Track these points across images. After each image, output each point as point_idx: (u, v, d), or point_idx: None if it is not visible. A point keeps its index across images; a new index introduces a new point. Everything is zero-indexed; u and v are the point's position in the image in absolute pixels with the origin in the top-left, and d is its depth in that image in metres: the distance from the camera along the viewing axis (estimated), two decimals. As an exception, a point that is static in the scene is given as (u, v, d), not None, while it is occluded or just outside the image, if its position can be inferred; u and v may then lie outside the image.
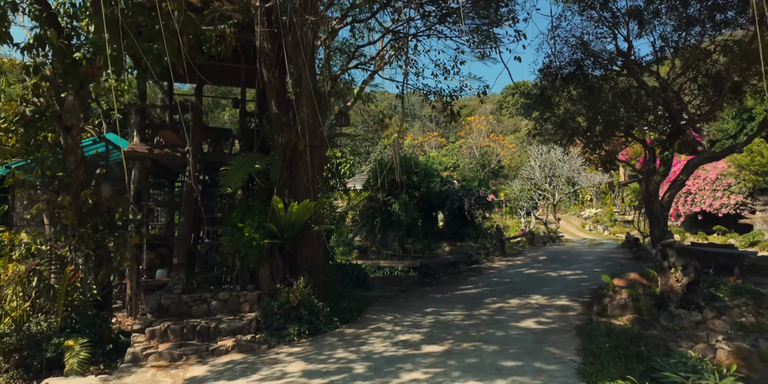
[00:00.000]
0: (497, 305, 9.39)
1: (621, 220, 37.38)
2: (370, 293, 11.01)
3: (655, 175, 10.00)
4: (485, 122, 45.88)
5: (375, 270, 20.84)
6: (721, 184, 28.76)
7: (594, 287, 11.03)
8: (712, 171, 29.87)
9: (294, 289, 7.71)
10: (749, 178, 25.98)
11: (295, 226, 8.48)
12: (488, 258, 16.56)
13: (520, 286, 11.37)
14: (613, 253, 18.08)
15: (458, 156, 46.38)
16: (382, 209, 26.93)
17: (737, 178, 27.68)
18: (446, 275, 12.91)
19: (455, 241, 26.83)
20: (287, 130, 8.80)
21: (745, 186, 27.16)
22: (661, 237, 9.87)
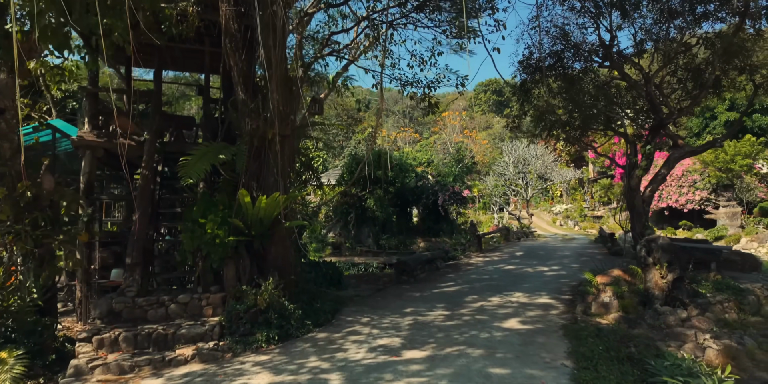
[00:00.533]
0: (478, 304, 8.95)
1: (591, 215, 37.96)
2: (345, 292, 10.41)
3: (636, 169, 9.76)
4: (459, 118, 45.74)
5: (349, 267, 20.25)
6: (687, 180, 29.44)
7: (574, 284, 10.76)
8: (678, 167, 30.54)
9: (262, 291, 7.02)
10: (714, 174, 26.63)
11: (264, 222, 7.78)
12: (465, 254, 16.20)
13: (500, 283, 10.99)
14: (587, 249, 18.04)
15: (432, 151, 46.12)
16: (356, 205, 26.32)
17: (702, 175, 28.39)
18: (424, 272, 12.43)
19: (430, 236, 26.49)
20: (255, 118, 8.06)
21: (709, 182, 27.86)
22: (642, 232, 9.65)
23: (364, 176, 25.97)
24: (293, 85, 8.47)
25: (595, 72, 11.55)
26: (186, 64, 11.79)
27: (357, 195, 26.54)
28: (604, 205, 40.72)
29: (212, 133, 9.07)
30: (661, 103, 9.58)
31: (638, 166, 9.78)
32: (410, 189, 27.44)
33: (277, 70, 8.03)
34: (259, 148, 8.30)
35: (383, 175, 25.59)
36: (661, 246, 8.09)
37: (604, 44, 10.23)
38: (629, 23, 10.76)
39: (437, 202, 25.87)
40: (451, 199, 26.02)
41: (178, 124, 11.01)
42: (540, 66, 12.32)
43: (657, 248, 8.08)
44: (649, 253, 8.19)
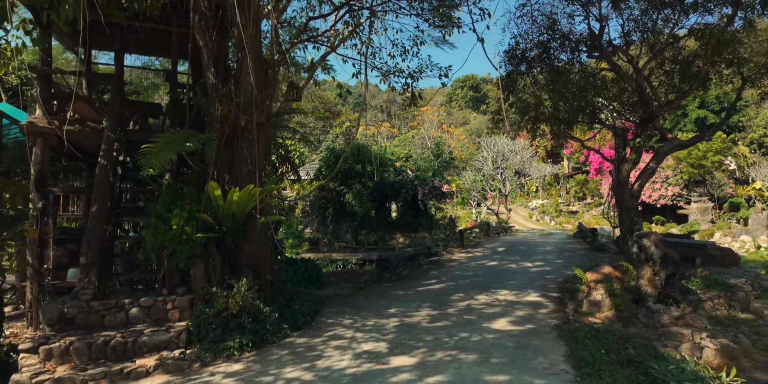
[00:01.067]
0: (465, 303, 8.50)
1: (566, 210, 38.32)
2: (325, 292, 9.81)
3: (625, 163, 9.47)
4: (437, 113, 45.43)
5: (327, 263, 19.60)
6: (660, 176, 29.87)
7: (560, 280, 10.46)
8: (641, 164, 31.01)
9: (234, 293, 6.36)
10: (687, 170, 27.05)
11: (237, 217, 7.10)
12: (447, 250, 15.80)
13: (485, 280, 10.59)
14: (568, 244, 17.92)
15: (411, 146, 45.70)
16: (334, 199, 25.68)
17: (674, 171, 28.86)
18: (406, 269, 11.94)
19: (409, 232, 26.09)
20: (226, 103, 7.34)
21: (682, 178, 28.34)
22: (631, 227, 9.38)
23: (343, 170, 25.39)
24: (269, 69, 7.78)
25: (582, 63, 11.22)
26: (152, 47, 10.90)
27: (335, 189, 25.88)
28: (579, 200, 41.22)
29: (179, 120, 8.29)
30: (651, 95, 9.31)
31: (627, 159, 9.50)
32: (389, 184, 26.96)
33: (251, 51, 7.32)
34: (231, 137, 7.60)
35: (362, 169, 25.02)
36: (653, 242, 7.80)
37: (593, 34, 9.89)
38: (617, 13, 10.46)
39: (417, 196, 25.47)
40: (430, 193, 25.67)
41: (143, 111, 10.13)
42: (526, 57, 11.94)
43: (649, 244, 7.78)
44: (641, 250, 7.89)
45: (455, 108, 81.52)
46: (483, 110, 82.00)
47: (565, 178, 43.98)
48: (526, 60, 11.94)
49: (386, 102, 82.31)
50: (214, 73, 7.67)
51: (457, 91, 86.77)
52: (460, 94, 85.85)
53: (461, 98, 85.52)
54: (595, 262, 12.22)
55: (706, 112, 37.09)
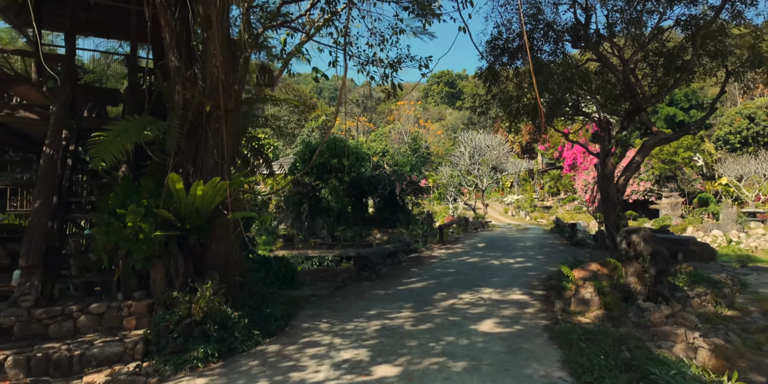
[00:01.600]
0: (449, 302, 8.05)
1: (540, 205, 38.62)
2: (301, 292, 9.21)
3: (611, 156, 9.20)
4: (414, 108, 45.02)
5: (303, 261, 18.93)
6: (632, 171, 30.28)
7: (543, 277, 10.15)
8: (624, 160, 31.41)
9: (198, 297, 5.70)
10: (658, 165, 27.46)
11: (201, 213, 6.42)
12: (427, 246, 15.37)
13: (467, 277, 10.19)
14: (547, 239, 17.78)
15: (387, 141, 45.18)
16: (309, 194, 24.96)
17: (646, 166, 29.28)
18: (386, 267, 11.44)
19: (386, 227, 25.62)
20: (190, 87, 6.62)
21: (653, 174, 28.79)
22: (617, 223, 9.13)
23: (319, 165, 24.65)
24: (238, 50, 7.07)
25: (565, 54, 10.90)
26: (110, 29, 9.96)
27: (310, 184, 25.17)
28: (553, 195, 41.63)
29: (138, 106, 7.50)
30: (637, 88, 9.04)
31: (613, 153, 9.22)
32: (366, 178, 26.39)
33: (218, 30, 6.62)
34: (195, 125, 6.88)
35: (338, 163, 24.37)
36: (643, 238, 7.52)
37: (579, 23, 9.54)
38: (602, 3, 10.16)
39: (394, 192, 25.00)
40: (408, 188, 25.24)
41: (100, 98, 9.25)
42: (509, 47, 11.55)
43: (639, 240, 7.50)
44: (630, 246, 7.60)
45: (431, 103, 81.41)
46: (459, 106, 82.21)
47: (539, 174, 44.36)
48: (509, 51, 11.56)
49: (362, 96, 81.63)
50: (177, 54, 6.93)
51: (432, 86, 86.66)
52: (435, 90, 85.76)
53: (437, 94, 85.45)
54: (576, 258, 12.00)
55: (676, 110, 37.92)
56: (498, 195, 45.41)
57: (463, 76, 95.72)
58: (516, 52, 11.49)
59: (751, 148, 33.88)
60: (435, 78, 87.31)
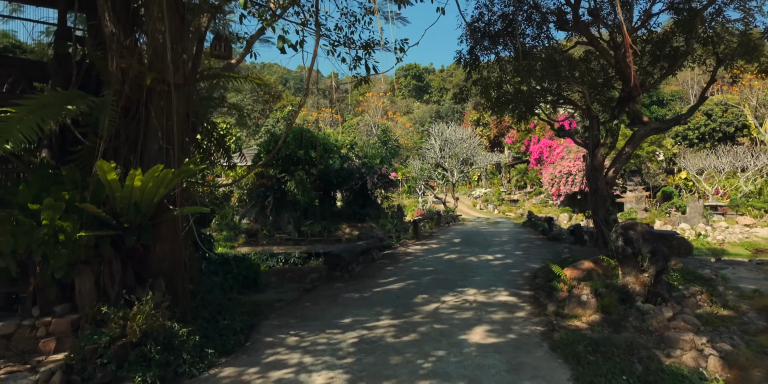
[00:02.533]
0: (432, 306, 7.23)
1: (508, 199, 38.66)
2: (265, 296, 8.15)
3: (600, 147, 8.60)
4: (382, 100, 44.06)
5: (267, 258, 17.74)
6: (598, 166, 30.57)
7: (527, 274, 9.53)
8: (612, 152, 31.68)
9: (135, 312, 4.60)
10: (623, 160, 27.69)
11: (142, 207, 5.27)
12: (401, 242, 14.52)
13: (448, 276, 9.42)
14: (521, 234, 17.33)
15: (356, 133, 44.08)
16: (274, 187, 23.68)
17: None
18: (359, 265, 10.51)
19: (356, 222, 24.68)
20: (128, 56, 5.43)
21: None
22: (606, 217, 8.56)
23: (284, 156, 23.36)
24: (187, 13, 5.90)
25: (550, 38, 10.23)
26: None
27: (275, 177, 23.90)
28: (520, 189, 41.82)
29: (65, 80, 6.20)
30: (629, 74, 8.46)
31: (603, 143, 8.64)
32: (335, 171, 25.32)
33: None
34: (136, 102, 5.70)
35: (305, 155, 23.19)
36: (641, 235, 6.92)
37: (569, 3, 8.85)
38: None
39: (365, 185, 24.07)
40: (379, 181, 24.37)
41: (23, 71, 7.80)
42: (490, 30, 10.78)
43: (637, 237, 6.90)
44: (627, 243, 6.99)
45: (399, 96, 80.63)
46: (426, 100, 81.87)
47: (506, 168, 44.49)
48: (490, 34, 10.79)
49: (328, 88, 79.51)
50: (113, 18, 5.69)
51: (400, 79, 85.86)
52: (403, 83, 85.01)
53: (404, 87, 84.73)
54: (556, 254, 11.48)
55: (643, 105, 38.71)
56: (465, 189, 45.29)
57: (430, 69, 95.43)
58: (497, 36, 10.74)
59: (708, 144, 35.00)
60: (402, 71, 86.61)
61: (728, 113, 33.73)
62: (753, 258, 14.04)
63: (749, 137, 31.91)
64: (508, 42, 10.95)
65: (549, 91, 10.12)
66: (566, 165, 32.73)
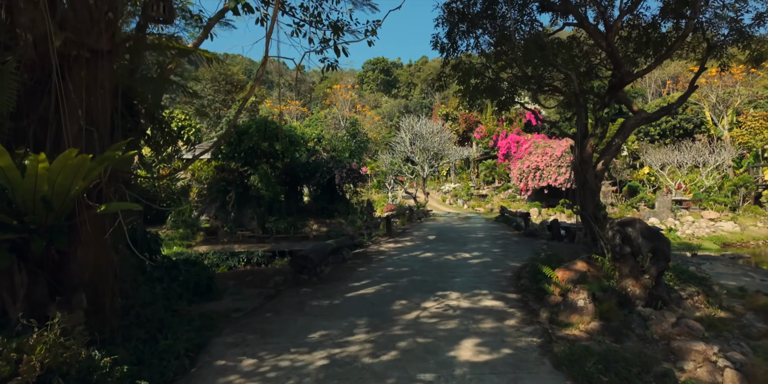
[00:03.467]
0: (412, 315, 6.38)
1: (476, 194, 38.47)
2: (219, 305, 7.06)
3: (590, 138, 7.97)
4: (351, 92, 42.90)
5: (227, 257, 16.52)
6: (565, 160, 30.69)
7: (509, 274, 8.84)
8: (558, 149, 31.77)
9: (33, 344, 3.48)
10: (591, 155, 27.78)
11: (54, 204, 4.13)
12: (373, 239, 13.61)
13: (426, 278, 8.61)
14: (495, 229, 16.78)
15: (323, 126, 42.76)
16: (236, 182, 22.29)
17: (578, 156, 29.71)
18: (328, 266, 9.55)
19: (324, 218, 23.64)
20: (32, 10, 4.24)
21: (585, 163, 29.26)
22: (595, 213, 7.95)
23: (247, 149, 21.96)
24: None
25: (534, 20, 9.53)
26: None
27: (238, 170, 22.50)
28: (488, 184, 41.78)
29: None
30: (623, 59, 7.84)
31: (593, 134, 8.01)
32: (301, 165, 24.14)
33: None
34: (47, 73, 4.51)
35: (269, 147, 21.93)
36: (641, 232, 6.31)
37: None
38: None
39: (333, 179, 23.02)
40: (348, 176, 23.38)
41: None
42: (469, 13, 9.99)
43: (636, 235, 6.28)
44: (625, 241, 6.37)
45: (366, 90, 79.52)
46: (394, 94, 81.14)
47: (474, 163, 44.36)
48: (469, 17, 9.99)
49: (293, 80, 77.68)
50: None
51: (368, 73, 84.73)
52: (371, 77, 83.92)
53: (372, 81, 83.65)
54: (536, 252, 10.90)
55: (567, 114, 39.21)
56: (434, 183, 44.89)
57: (398, 64, 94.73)
58: (477, 18, 9.95)
59: (668, 140, 35.89)
60: (370, 65, 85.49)
61: (688, 110, 34.60)
62: (724, 252, 14.02)
63: (707, 134, 32.85)
64: (488, 25, 10.21)
65: (532, 78, 9.44)
66: (534, 160, 32.72)
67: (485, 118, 43.21)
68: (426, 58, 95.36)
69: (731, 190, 22.25)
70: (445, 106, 47.81)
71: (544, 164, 32.02)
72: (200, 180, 24.06)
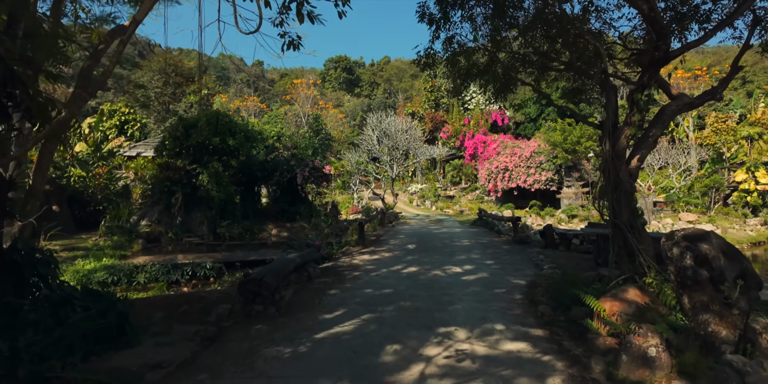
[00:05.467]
0: (413, 372, 4.41)
1: (444, 195, 37.10)
2: (134, 357, 4.79)
3: (626, 126, 6.30)
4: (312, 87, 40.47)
5: (169, 270, 13.92)
6: (534, 161, 29.75)
7: (519, 298, 7.05)
8: (527, 149, 30.82)
9: None
10: (562, 155, 26.92)
11: None
12: (344, 250, 11.46)
13: (417, 304, 6.66)
14: (478, 236, 15.06)
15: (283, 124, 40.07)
16: (183, 181, 19.52)
17: (547, 156, 28.83)
18: (290, 288, 7.40)
19: (284, 221, 21.27)
20: None
21: (554, 164, 28.40)
22: (632, 220, 6.27)
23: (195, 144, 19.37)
24: None
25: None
26: None
27: (185, 169, 19.73)
28: (455, 185, 40.54)
29: None
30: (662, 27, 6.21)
31: (629, 122, 6.34)
32: (259, 163, 21.66)
33: None
34: None
35: (222, 143, 19.38)
36: (721, 250, 4.63)
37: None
38: None
39: (294, 179, 20.72)
40: (311, 175, 21.13)
41: None
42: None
43: (714, 254, 4.60)
44: (699, 262, 4.68)
45: (329, 89, 77.04)
46: (357, 93, 79.20)
47: (441, 163, 43.04)
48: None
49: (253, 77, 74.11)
50: None
51: (330, 71, 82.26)
52: (333, 75, 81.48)
53: (335, 79, 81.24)
54: (534, 263, 9.24)
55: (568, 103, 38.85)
56: (400, 184, 43.20)
57: (360, 63, 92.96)
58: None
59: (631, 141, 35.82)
60: (332, 63, 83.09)
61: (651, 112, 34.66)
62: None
63: (669, 135, 32.93)
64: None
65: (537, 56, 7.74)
66: (503, 160, 31.66)
67: (452, 118, 41.97)
68: (388, 58, 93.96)
69: (702, 191, 21.79)
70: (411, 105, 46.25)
71: (513, 165, 30.98)
72: (144, 180, 21.11)
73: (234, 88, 66.54)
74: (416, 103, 46.90)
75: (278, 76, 76.35)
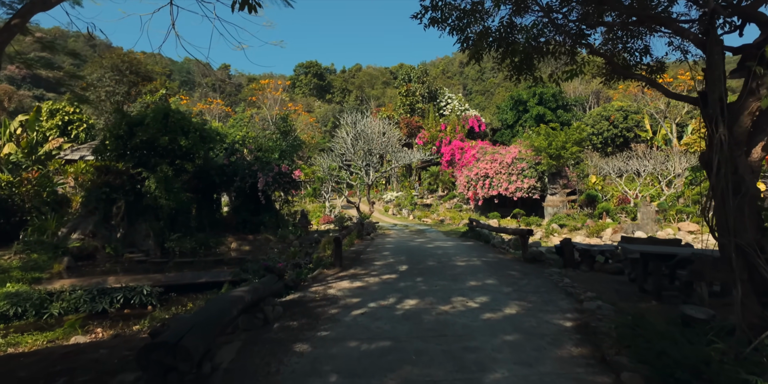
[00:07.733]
0: None
1: (421, 203, 34.97)
2: None
3: (751, 98, 4.12)
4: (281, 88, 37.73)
5: (92, 298, 10.82)
6: (516, 168, 28.05)
7: (578, 352, 4.72)
8: (508, 155, 29.11)
9: None
10: (546, 161, 25.27)
11: None
12: (315, 273, 8.76)
13: (430, 370, 4.21)
14: (476, 251, 12.69)
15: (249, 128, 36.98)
16: (126, 187, 16.48)
17: (530, 163, 27.19)
18: (233, 340, 4.81)
19: (246, 233, 18.43)
20: None
21: (536, 170, 26.75)
22: (760, 240, 4.07)
23: (140, 143, 16.45)
24: None
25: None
26: None
27: (128, 173, 16.70)
28: (431, 192, 38.53)
29: None
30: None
31: (754, 92, 4.14)
32: (218, 167, 18.79)
33: None
34: None
35: (172, 143, 16.49)
36: None
37: None
38: None
39: (256, 185, 18.02)
40: (275, 181, 18.41)
41: None
42: None
43: None
44: None
45: (299, 94, 74.28)
46: (328, 99, 76.84)
47: (416, 170, 41.00)
48: None
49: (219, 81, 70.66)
50: None
51: (300, 77, 79.64)
52: (303, 81, 78.86)
53: (305, 85, 78.60)
54: (567, 291, 7.01)
55: (545, 109, 37.79)
56: (373, 192, 40.82)
57: (332, 69, 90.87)
58: None
59: (609, 149, 34.93)
60: (303, 68, 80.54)
61: (629, 119, 33.86)
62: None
63: (648, 143, 32.09)
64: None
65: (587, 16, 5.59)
66: (483, 167, 29.83)
67: (428, 123, 40.09)
68: (360, 66, 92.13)
69: (695, 199, 20.46)
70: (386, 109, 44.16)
71: (493, 171, 29.17)
72: (86, 186, 17.88)
73: (199, 93, 62.84)
74: (389, 108, 44.86)
75: (246, 80, 73.00)
